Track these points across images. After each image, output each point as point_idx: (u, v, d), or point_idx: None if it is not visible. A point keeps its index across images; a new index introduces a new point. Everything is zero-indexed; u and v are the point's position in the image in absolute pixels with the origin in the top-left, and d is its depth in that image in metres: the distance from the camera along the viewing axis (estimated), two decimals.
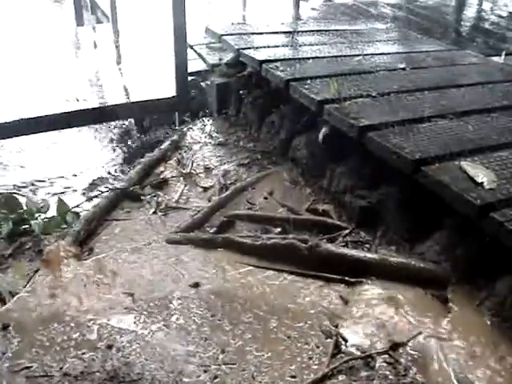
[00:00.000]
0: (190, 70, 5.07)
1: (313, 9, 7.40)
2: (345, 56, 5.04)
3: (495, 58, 5.51)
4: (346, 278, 3.10)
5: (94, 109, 4.85)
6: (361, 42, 5.53)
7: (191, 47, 5.56)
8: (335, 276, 3.12)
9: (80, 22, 9.41)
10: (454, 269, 3.03)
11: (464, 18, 6.45)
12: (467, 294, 2.93)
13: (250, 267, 3.22)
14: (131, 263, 3.26)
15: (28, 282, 3.12)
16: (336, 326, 2.77)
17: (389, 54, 5.23)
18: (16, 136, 4.92)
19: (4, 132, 4.71)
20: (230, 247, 3.36)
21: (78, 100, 4.91)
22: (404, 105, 3.99)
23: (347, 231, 3.52)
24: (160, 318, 2.82)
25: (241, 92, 5.03)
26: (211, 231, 3.57)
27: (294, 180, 4.14)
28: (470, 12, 7.54)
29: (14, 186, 4.92)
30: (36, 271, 3.21)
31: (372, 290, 3.03)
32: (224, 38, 5.40)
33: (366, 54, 5.11)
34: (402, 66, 4.83)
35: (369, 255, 3.22)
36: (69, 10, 10.08)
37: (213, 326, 2.78)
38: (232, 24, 6.29)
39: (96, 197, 4.07)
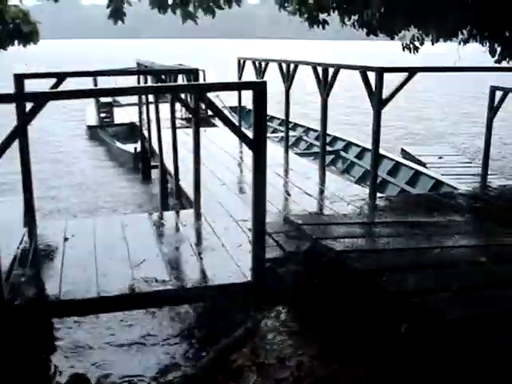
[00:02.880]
0: (266, 256, 5.15)
1: (389, 199, 7.53)
2: (423, 248, 5.02)
3: None
4: None
5: (170, 290, 4.92)
6: (439, 234, 5.51)
7: (269, 235, 5.69)
8: None
9: (165, 206, 9.98)
10: None
11: None
12: None
13: None
14: None
15: None
16: None
17: (468, 246, 5.17)
18: (94, 313, 5.04)
19: (83, 309, 4.83)
20: None
21: (156, 281, 5.00)
22: (488, 300, 3.85)
23: None
24: None
25: (317, 281, 5.01)
26: None
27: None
28: None
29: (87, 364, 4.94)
30: None
31: None
32: (301, 227, 5.52)
33: (445, 247, 5.06)
34: (483, 259, 4.72)
35: None
36: (155, 193, 10.76)
37: None
38: (309, 214, 6.47)
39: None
